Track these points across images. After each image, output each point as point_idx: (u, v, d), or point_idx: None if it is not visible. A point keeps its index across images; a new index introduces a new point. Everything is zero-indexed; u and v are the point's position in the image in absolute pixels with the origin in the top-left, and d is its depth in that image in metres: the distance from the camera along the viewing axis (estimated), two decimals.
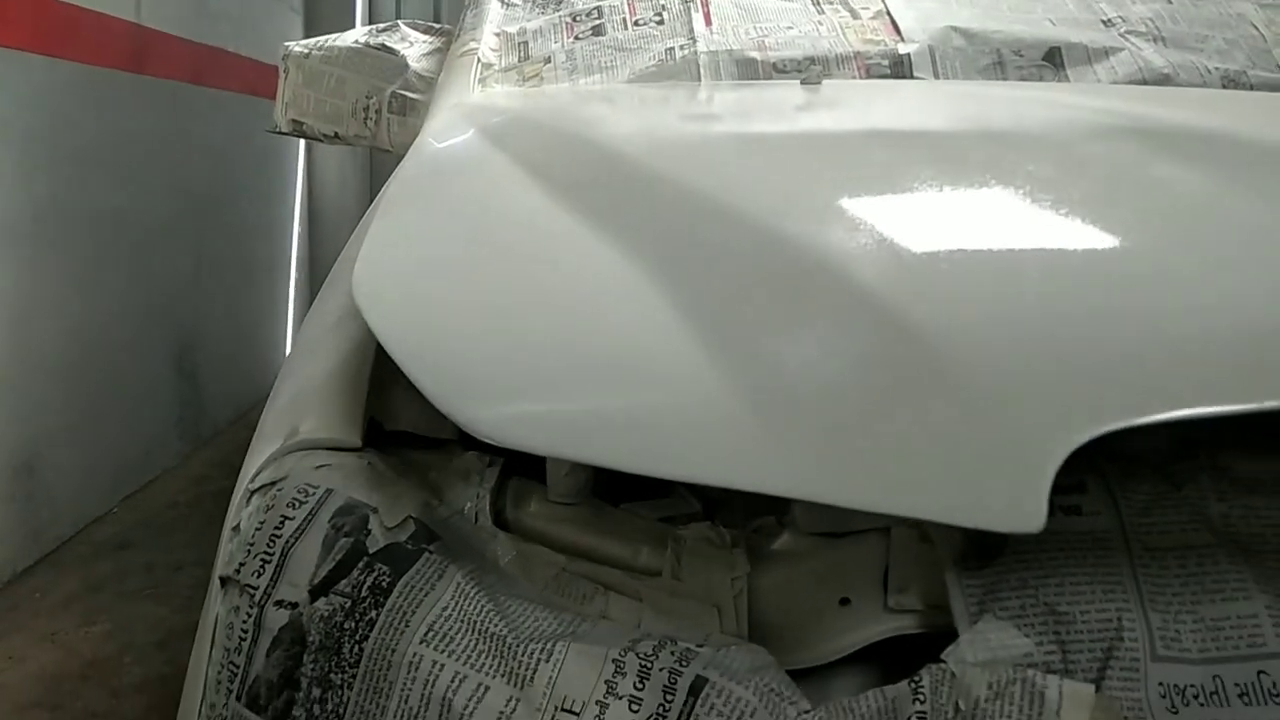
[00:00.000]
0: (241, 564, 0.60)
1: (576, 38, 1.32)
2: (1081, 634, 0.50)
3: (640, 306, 0.55)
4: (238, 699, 0.57)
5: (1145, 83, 1.16)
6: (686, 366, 0.50)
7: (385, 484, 0.60)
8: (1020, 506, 0.42)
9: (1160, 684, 0.49)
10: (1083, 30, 1.25)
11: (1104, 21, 1.28)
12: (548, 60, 1.29)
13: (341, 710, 0.53)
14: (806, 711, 0.50)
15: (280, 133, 1.55)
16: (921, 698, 0.49)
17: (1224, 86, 1.16)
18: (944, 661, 0.50)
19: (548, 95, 1.14)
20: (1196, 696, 0.48)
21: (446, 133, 0.93)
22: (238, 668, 0.58)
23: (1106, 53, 1.20)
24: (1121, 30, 1.26)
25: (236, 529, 0.63)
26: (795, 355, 0.52)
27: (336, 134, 1.50)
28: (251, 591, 0.58)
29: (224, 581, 0.61)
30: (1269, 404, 0.44)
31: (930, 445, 0.46)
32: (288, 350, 4.31)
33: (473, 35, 1.37)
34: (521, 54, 1.34)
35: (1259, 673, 0.49)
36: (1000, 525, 0.43)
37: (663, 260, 0.59)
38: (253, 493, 0.63)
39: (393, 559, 0.56)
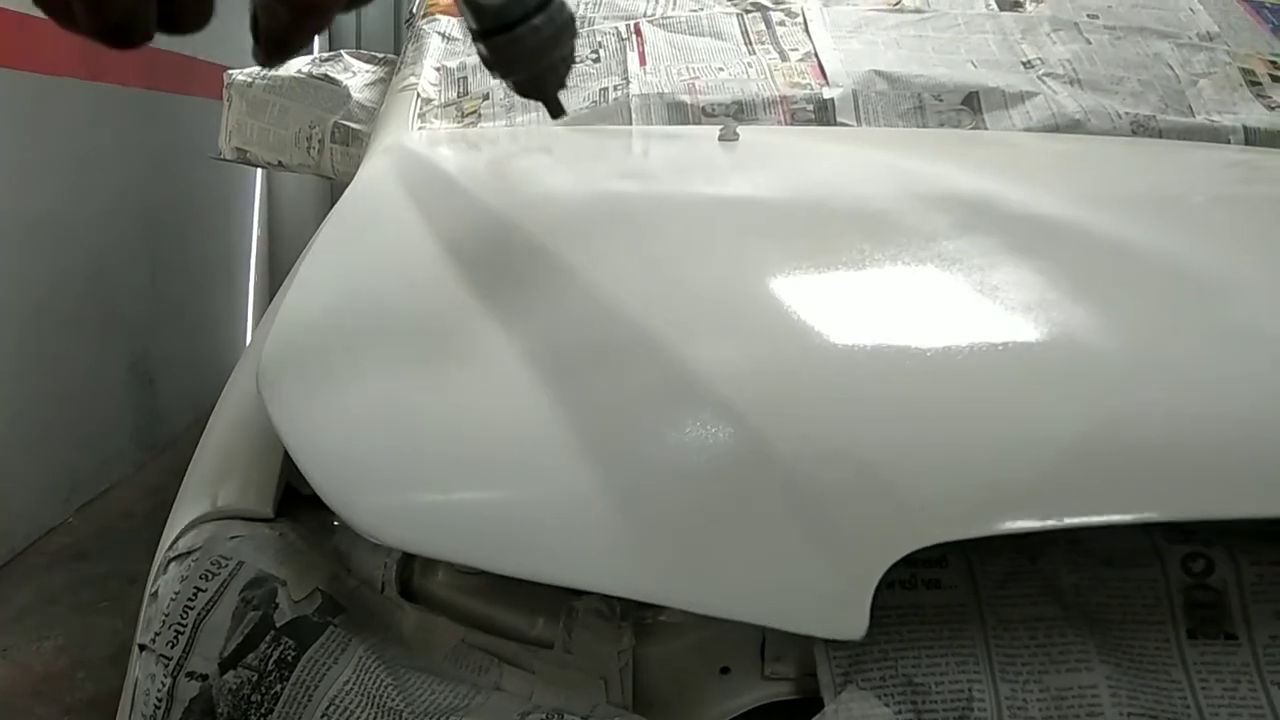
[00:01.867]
0: (157, 633, 0.62)
1: None
2: (936, 703, 0.54)
3: (516, 403, 0.58)
4: None
5: (1058, 128, 1.20)
6: (555, 470, 0.54)
7: (295, 555, 0.63)
8: (845, 617, 0.46)
9: None
10: (1002, 73, 1.29)
11: (1024, 63, 1.32)
12: (486, 97, 1.32)
13: None
14: None
15: (224, 159, 1.57)
16: None
17: (1133, 132, 1.21)
18: None
19: (476, 143, 1.16)
20: None
21: (372, 186, 0.95)
22: None
23: (1022, 97, 1.25)
24: (1040, 73, 1.30)
25: (154, 595, 0.66)
26: (653, 460, 0.55)
27: (280, 163, 1.52)
28: (166, 661, 0.61)
29: (141, 648, 0.64)
30: (1091, 520, 0.49)
31: (767, 559, 0.50)
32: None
33: (413, 70, 1.39)
34: (460, 89, 1.36)
35: None
36: (828, 633, 0.47)
37: (545, 350, 0.63)
38: (170, 560, 0.66)
39: (298, 633, 0.59)
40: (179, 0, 0.45)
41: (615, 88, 1.27)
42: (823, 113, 1.19)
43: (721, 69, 1.28)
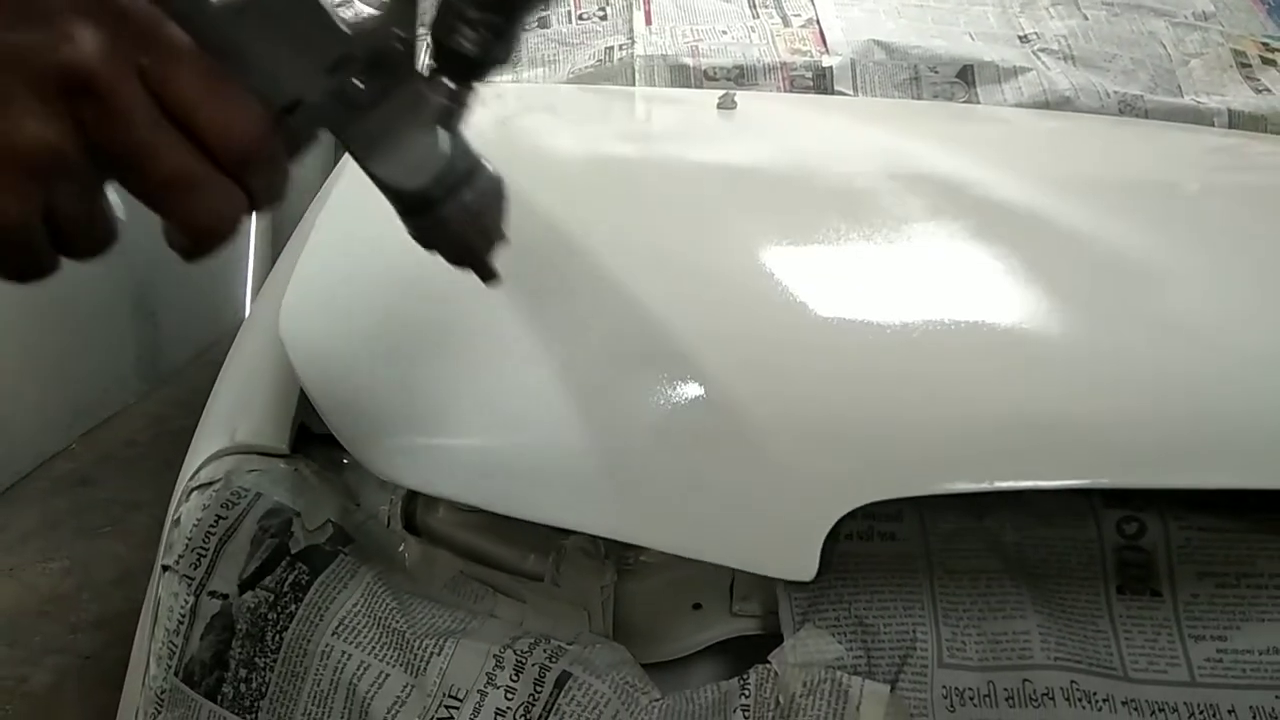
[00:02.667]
0: (180, 556, 0.68)
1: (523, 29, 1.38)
2: (883, 643, 0.60)
3: (517, 360, 0.63)
4: (176, 674, 0.66)
5: (1048, 105, 1.24)
6: (549, 422, 0.59)
7: (308, 489, 0.69)
8: (796, 560, 0.52)
9: (943, 686, 0.59)
10: (998, 47, 1.32)
11: (1020, 37, 1.35)
12: None
13: (264, 689, 0.62)
14: (655, 700, 0.60)
15: None
16: (747, 693, 0.58)
17: (1120, 112, 1.25)
18: (769, 662, 0.60)
19: (484, 99, 1.20)
20: (972, 698, 0.59)
21: None
22: (176, 647, 0.66)
23: (1016, 72, 1.28)
24: (1036, 47, 1.34)
25: (177, 522, 0.71)
26: (635, 415, 0.60)
27: None
28: (189, 581, 0.67)
29: (165, 569, 0.70)
30: (1020, 484, 0.55)
31: (731, 507, 0.56)
32: (246, 290, 4.34)
33: (422, 19, 1.42)
34: None
35: (1024, 680, 0.59)
36: (782, 574, 0.53)
37: (543, 309, 0.68)
38: (192, 490, 0.72)
39: (311, 559, 0.65)
40: (69, 230, 0.41)
41: (620, 47, 1.30)
42: (821, 81, 1.23)
43: (725, 31, 1.31)
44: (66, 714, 1.91)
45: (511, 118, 1.10)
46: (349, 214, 0.81)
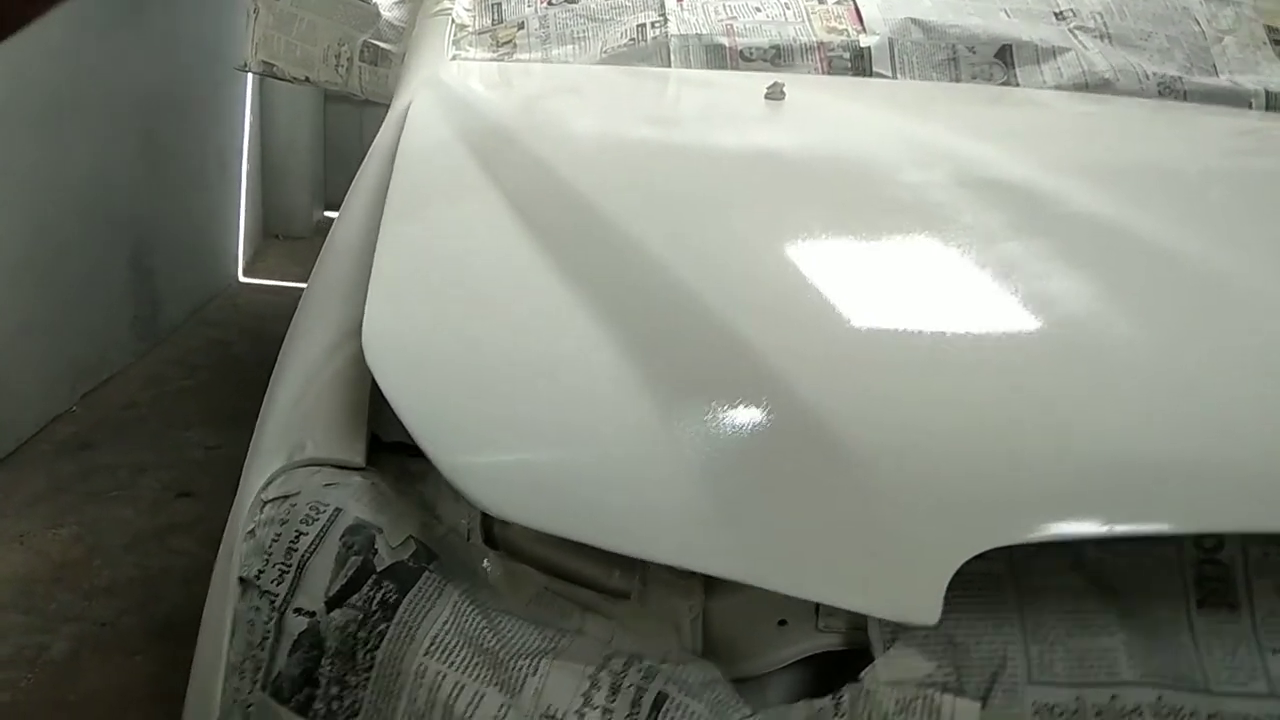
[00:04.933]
0: (260, 571, 0.68)
1: (550, 3, 1.35)
2: (973, 660, 0.61)
3: (612, 388, 0.63)
4: (263, 689, 0.66)
5: (1088, 87, 1.23)
6: (644, 445, 0.59)
7: (388, 504, 0.69)
8: (920, 604, 0.53)
9: (1034, 702, 0.60)
10: (1035, 25, 1.31)
11: (1056, 14, 1.34)
12: (521, 25, 1.33)
13: (357, 707, 0.63)
14: (747, 717, 0.61)
15: (250, 72, 1.57)
16: (842, 710, 0.60)
17: (1160, 94, 1.24)
18: (861, 680, 0.61)
19: (520, 81, 1.18)
20: (1062, 714, 0.60)
21: (425, 133, 0.97)
22: (261, 661, 0.67)
23: (1055, 53, 1.27)
24: (1072, 25, 1.32)
25: (252, 534, 0.71)
26: (748, 454, 0.60)
27: (308, 78, 1.52)
28: (272, 598, 0.67)
29: (244, 582, 0.70)
30: (1161, 529, 0.55)
31: (849, 545, 0.56)
32: (240, 248, 4.29)
33: None
34: (495, 16, 1.37)
35: (1112, 696, 0.60)
36: (904, 619, 0.54)
37: (628, 324, 0.67)
38: (266, 503, 0.72)
39: (398, 577, 0.65)
40: None
41: (653, 25, 1.28)
42: (859, 62, 1.22)
43: (759, 9, 1.29)
44: (87, 682, 1.92)
45: (555, 102, 1.08)
46: (408, 230, 0.80)
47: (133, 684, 1.88)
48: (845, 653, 0.65)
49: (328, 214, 5.15)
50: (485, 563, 0.67)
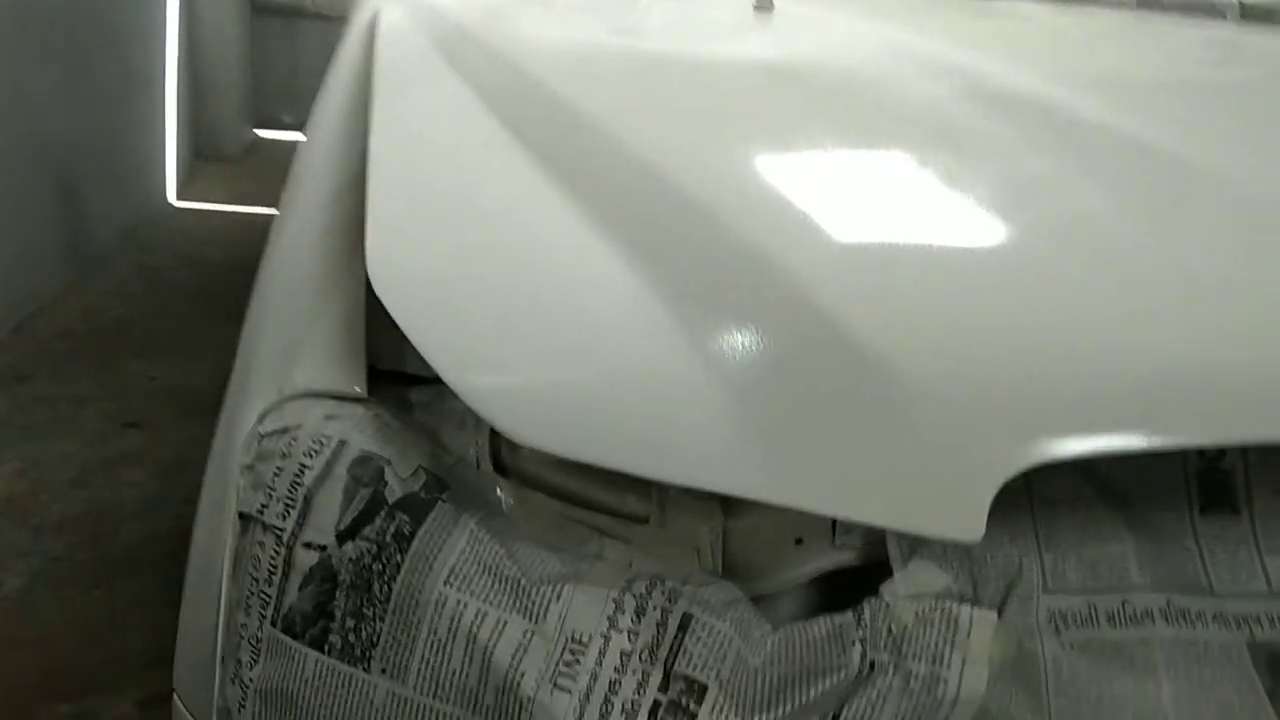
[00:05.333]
0: (264, 505, 0.66)
1: None
2: (990, 572, 0.62)
3: (622, 296, 0.61)
4: (273, 624, 0.65)
5: None
6: (687, 378, 0.58)
7: (394, 435, 0.67)
8: (964, 520, 0.53)
9: (1048, 610, 0.62)
10: None
11: None
12: None
13: (375, 639, 0.62)
14: (768, 634, 0.62)
15: None
16: (863, 625, 0.60)
17: (1138, 5, 1.24)
18: (880, 594, 0.61)
19: None
20: (1075, 620, 0.62)
21: (402, 44, 0.93)
22: (269, 597, 0.65)
23: None
24: None
25: (250, 469, 0.69)
26: (780, 368, 0.60)
27: None
28: (278, 532, 0.65)
29: (244, 518, 0.68)
30: (1203, 442, 0.55)
31: (889, 463, 0.56)
32: (170, 171, 4.13)
33: None
34: None
35: (1123, 601, 0.62)
36: (947, 536, 0.54)
37: (639, 240, 0.65)
38: (263, 436, 0.69)
39: (411, 508, 0.64)
40: None
41: None
42: None
43: None
44: (43, 616, 1.89)
45: (542, 12, 1.04)
46: (400, 153, 0.76)
47: (91, 618, 1.85)
48: (861, 570, 0.66)
49: (259, 133, 4.97)
50: (499, 491, 0.66)
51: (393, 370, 0.74)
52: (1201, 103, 0.99)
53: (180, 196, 4.22)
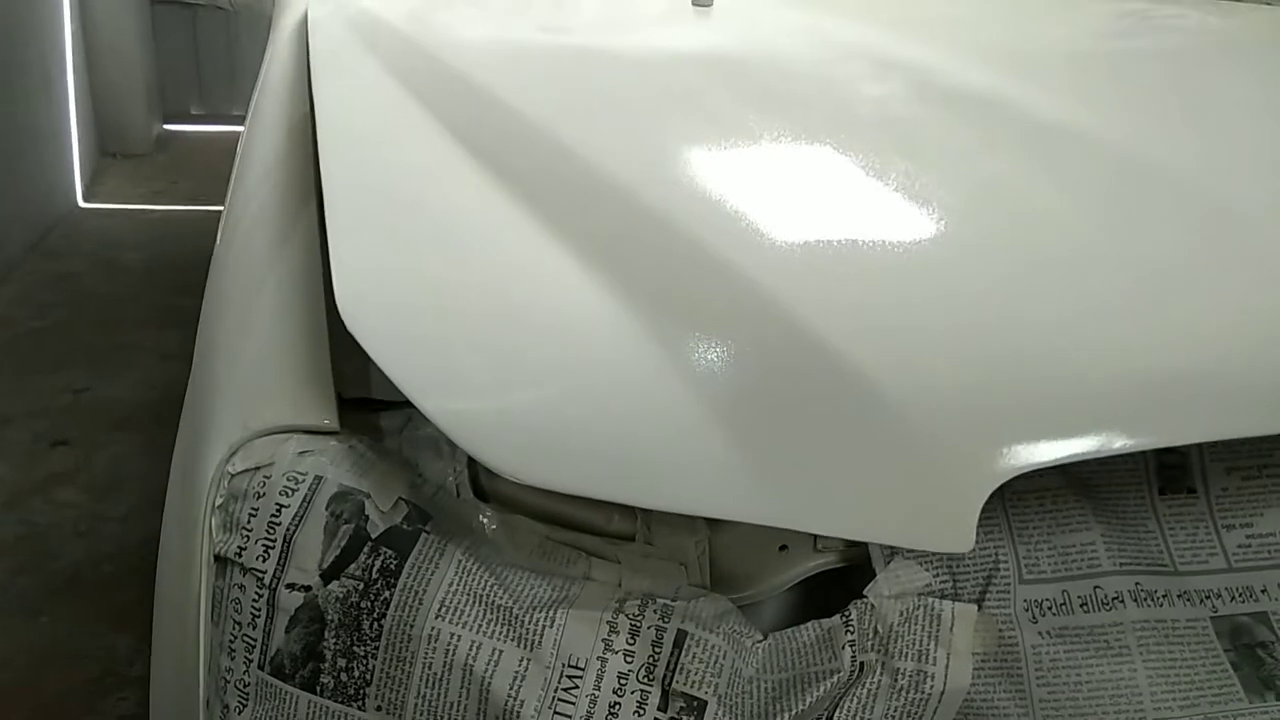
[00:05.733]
0: (241, 548, 0.65)
1: None
2: (968, 567, 0.64)
3: (594, 316, 0.61)
4: (260, 668, 0.64)
5: None
6: (671, 403, 0.58)
7: (371, 467, 0.66)
8: (954, 532, 0.54)
9: (1024, 600, 0.64)
10: None
11: None
12: None
13: (368, 676, 0.61)
14: (758, 641, 0.63)
15: None
16: (851, 628, 0.62)
17: None
18: (865, 596, 0.63)
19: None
20: (1050, 608, 0.64)
21: (338, 51, 0.90)
22: (254, 640, 0.64)
23: None
24: None
25: (221, 508, 0.68)
26: (762, 389, 0.60)
27: None
28: (259, 575, 0.64)
29: (222, 560, 0.67)
30: (1179, 441, 0.58)
31: (877, 480, 0.57)
32: (76, 171, 3.98)
33: None
34: None
35: (1095, 587, 0.64)
36: (937, 547, 0.56)
37: (603, 253, 0.65)
38: (232, 475, 0.68)
39: (395, 542, 0.63)
40: None
41: None
42: None
43: None
44: None
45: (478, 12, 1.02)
46: (358, 161, 0.74)
47: (42, 646, 1.80)
48: (842, 570, 0.67)
49: (167, 127, 4.81)
50: (482, 517, 0.66)
51: (359, 398, 0.73)
52: (1112, 73, 1.02)
53: (88, 198, 4.06)
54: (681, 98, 0.90)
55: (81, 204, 4.01)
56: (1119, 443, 0.58)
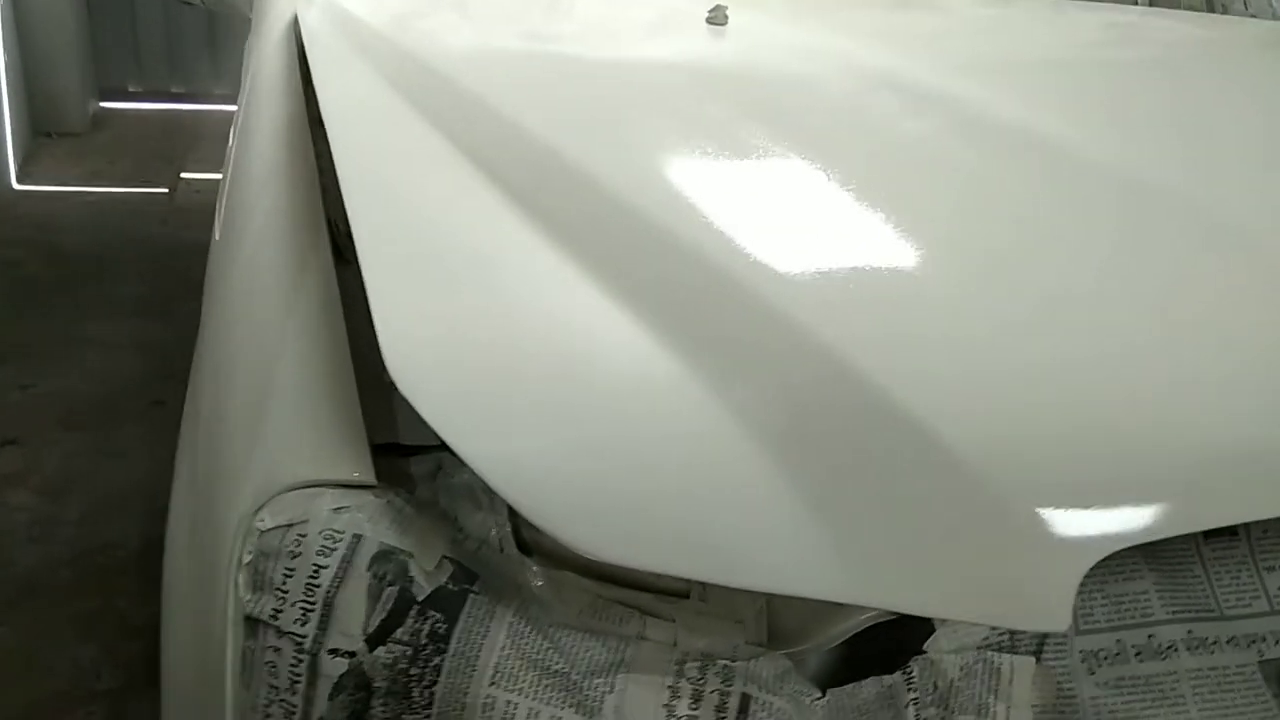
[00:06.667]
0: (277, 610, 0.62)
1: None
2: None
3: (652, 372, 0.59)
4: None
5: None
6: (750, 480, 0.56)
7: (410, 524, 0.63)
8: (1052, 612, 0.53)
9: (1081, 651, 0.64)
10: None
11: None
12: None
13: None
14: (817, 699, 0.62)
15: None
16: (912, 684, 0.61)
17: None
18: (925, 651, 0.62)
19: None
20: (1106, 658, 0.64)
21: (342, 73, 0.86)
22: (294, 706, 0.62)
23: None
24: None
25: (248, 564, 0.64)
26: (853, 467, 0.58)
27: None
28: (298, 639, 0.61)
29: (253, 621, 0.64)
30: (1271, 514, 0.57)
31: (972, 559, 0.56)
32: (8, 152, 3.81)
33: None
34: None
35: (1149, 635, 0.65)
36: (1036, 626, 0.55)
37: (648, 297, 0.63)
38: (262, 532, 0.65)
39: (442, 604, 0.61)
40: None
41: None
42: None
43: None
44: None
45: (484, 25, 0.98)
46: (386, 202, 0.70)
47: (2, 657, 1.73)
48: (899, 621, 0.66)
49: (104, 105, 4.62)
50: (529, 574, 0.64)
51: (387, 443, 0.71)
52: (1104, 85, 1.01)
53: (22, 180, 3.90)
54: (712, 129, 0.87)
55: (16, 186, 3.85)
56: (1209, 518, 0.58)
